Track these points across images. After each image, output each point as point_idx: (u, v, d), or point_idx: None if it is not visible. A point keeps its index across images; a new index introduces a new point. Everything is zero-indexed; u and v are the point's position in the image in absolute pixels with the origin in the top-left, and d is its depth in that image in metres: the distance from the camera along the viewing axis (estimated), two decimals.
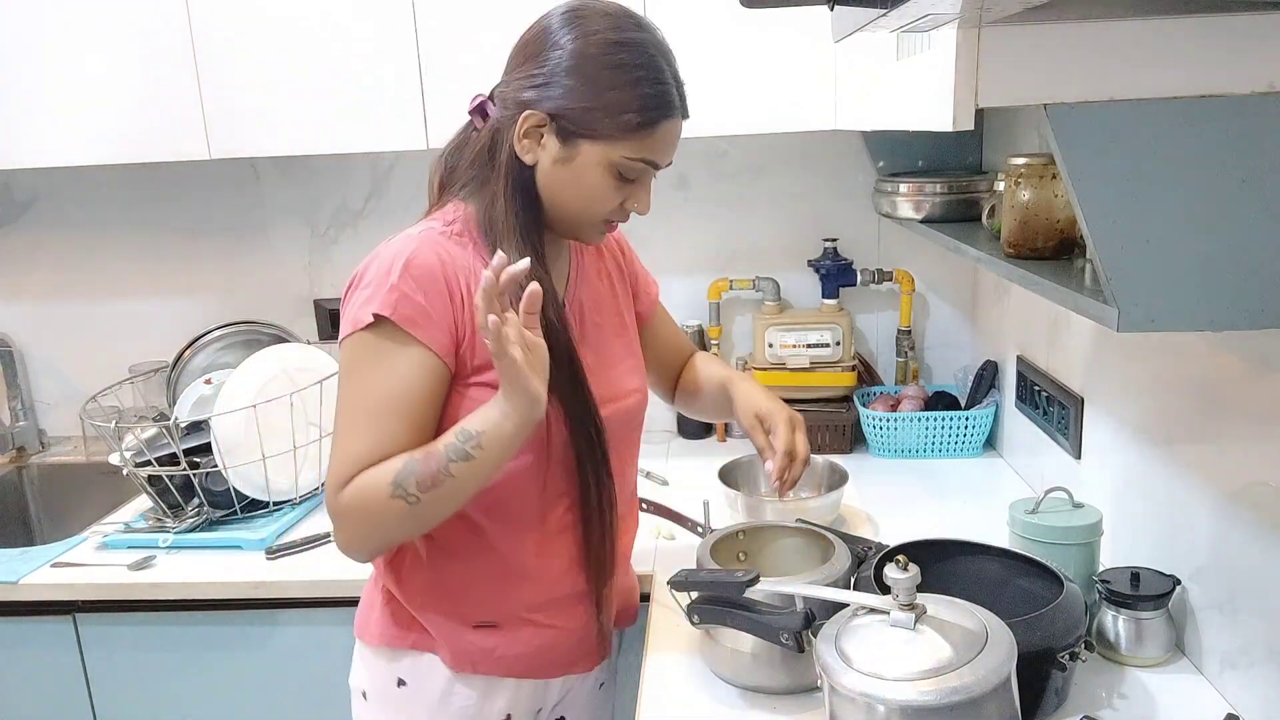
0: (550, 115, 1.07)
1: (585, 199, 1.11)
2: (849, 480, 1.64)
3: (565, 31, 1.07)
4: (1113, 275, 0.86)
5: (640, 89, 1.06)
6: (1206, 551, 1.16)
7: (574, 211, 1.13)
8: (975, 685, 0.88)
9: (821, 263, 2.08)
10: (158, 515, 1.74)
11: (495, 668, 1.20)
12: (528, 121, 1.07)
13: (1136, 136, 0.83)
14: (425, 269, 1.06)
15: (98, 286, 2.27)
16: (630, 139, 1.07)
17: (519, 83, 1.09)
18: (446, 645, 1.19)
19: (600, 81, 1.05)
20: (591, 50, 1.06)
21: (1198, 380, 1.16)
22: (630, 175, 1.10)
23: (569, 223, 1.15)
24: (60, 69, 1.78)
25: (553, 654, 1.24)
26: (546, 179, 1.11)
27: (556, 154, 1.09)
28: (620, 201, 1.13)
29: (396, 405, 1.06)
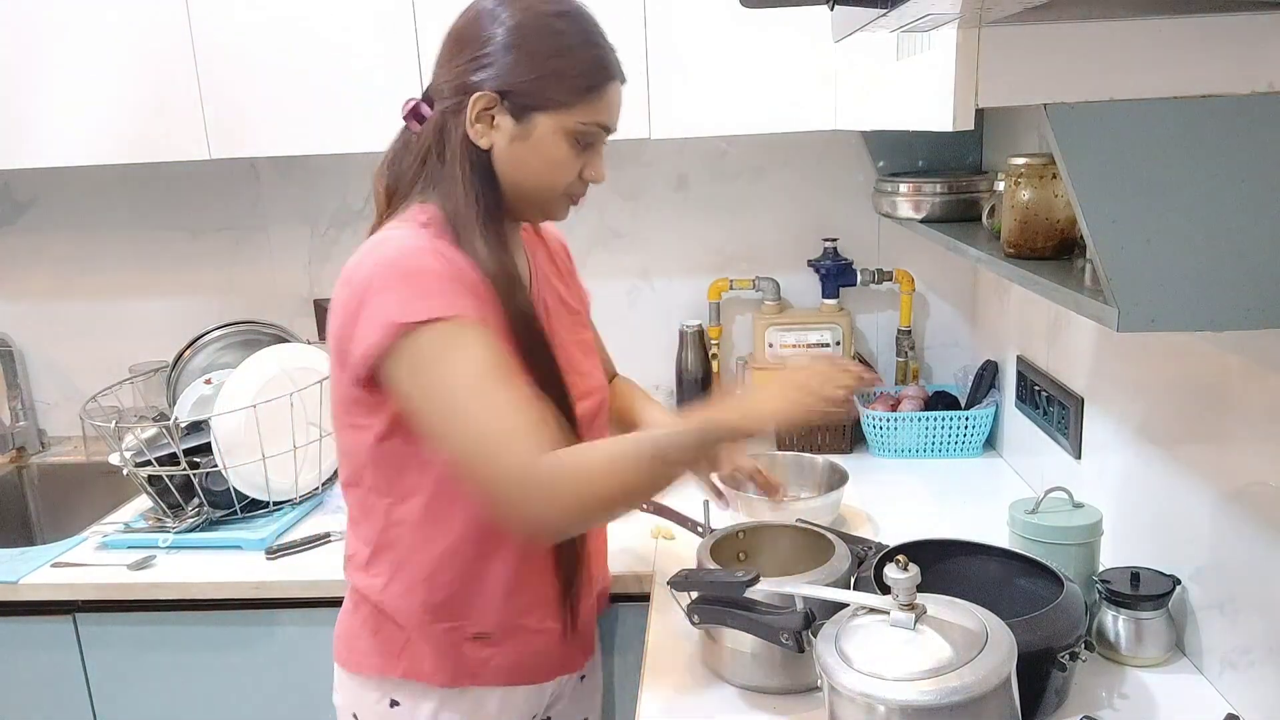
0: (500, 93, 1.06)
1: (546, 172, 1.11)
2: (849, 480, 1.64)
3: (501, 10, 1.07)
4: (1113, 275, 0.86)
5: (585, 53, 1.08)
6: (1206, 551, 1.16)
7: (537, 187, 1.12)
8: (975, 685, 0.88)
9: (821, 263, 2.08)
10: (158, 515, 1.74)
11: (493, 677, 1.19)
12: (478, 104, 1.07)
13: (1136, 136, 0.83)
14: (442, 264, 1.04)
15: (98, 286, 2.27)
16: (582, 103, 1.08)
17: (459, 70, 1.08)
18: (445, 661, 1.17)
19: (545, 51, 1.06)
20: (531, 23, 1.06)
21: (1198, 380, 1.16)
22: (585, 141, 1.11)
23: (533, 201, 1.14)
24: (60, 69, 1.78)
25: (542, 658, 1.23)
26: (505, 158, 1.10)
27: (512, 131, 1.08)
28: (579, 172, 1.13)
29: (505, 374, 1.03)
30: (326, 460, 1.81)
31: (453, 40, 1.11)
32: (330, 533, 1.68)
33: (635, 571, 1.51)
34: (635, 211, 2.14)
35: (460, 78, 1.08)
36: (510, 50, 1.06)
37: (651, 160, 2.11)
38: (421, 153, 1.12)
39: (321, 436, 1.76)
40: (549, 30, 1.07)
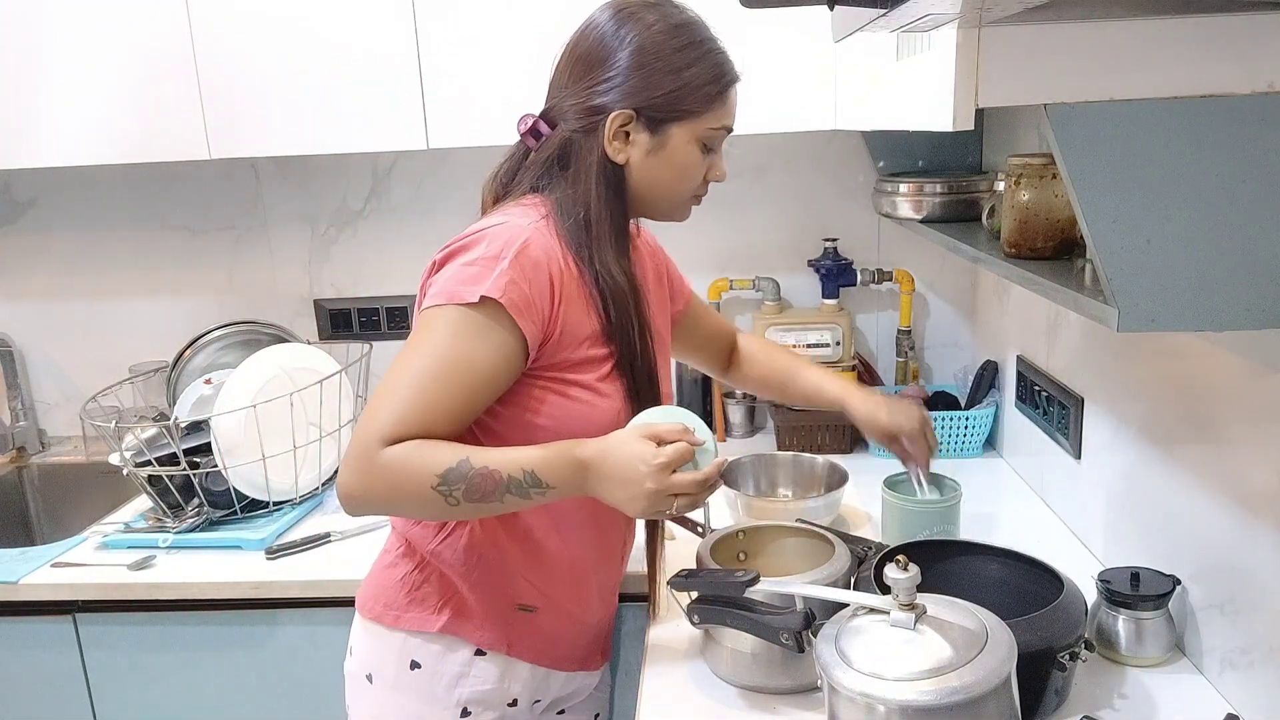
0: (636, 110, 1.11)
1: (679, 179, 1.17)
2: (849, 480, 1.64)
3: (622, 32, 1.11)
4: (1113, 275, 0.86)
5: (710, 60, 1.13)
6: (1206, 551, 1.16)
7: (669, 194, 1.18)
8: (975, 685, 0.88)
9: (821, 263, 2.08)
10: (158, 515, 1.74)
11: (526, 652, 1.22)
12: (615, 123, 1.11)
13: (1136, 136, 0.83)
14: (534, 262, 1.07)
15: (98, 286, 2.27)
16: (711, 110, 1.14)
17: (586, 92, 1.12)
18: (486, 623, 1.20)
19: (673, 65, 1.11)
20: (655, 39, 1.11)
21: (1198, 380, 1.16)
22: (713, 145, 1.17)
23: (664, 207, 1.20)
24: (60, 69, 1.78)
25: (574, 647, 1.28)
26: (641, 172, 1.15)
27: (648, 145, 1.13)
28: (704, 171, 1.19)
29: (470, 381, 1.05)
30: (326, 460, 1.81)
31: (576, 62, 1.14)
32: (330, 533, 1.68)
33: (635, 571, 1.51)
34: None
35: (589, 100, 1.12)
36: (639, 69, 1.10)
37: None
38: (541, 164, 1.16)
39: (321, 436, 1.76)
40: (673, 45, 1.11)
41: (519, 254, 1.06)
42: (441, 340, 1.05)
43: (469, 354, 1.05)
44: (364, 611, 1.25)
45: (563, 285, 1.10)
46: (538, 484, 1.04)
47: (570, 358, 1.12)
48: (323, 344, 2.03)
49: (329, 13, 1.72)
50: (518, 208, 1.14)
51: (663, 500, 1.04)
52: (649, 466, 1.02)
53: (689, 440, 1.06)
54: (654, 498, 1.03)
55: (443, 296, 1.06)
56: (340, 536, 1.67)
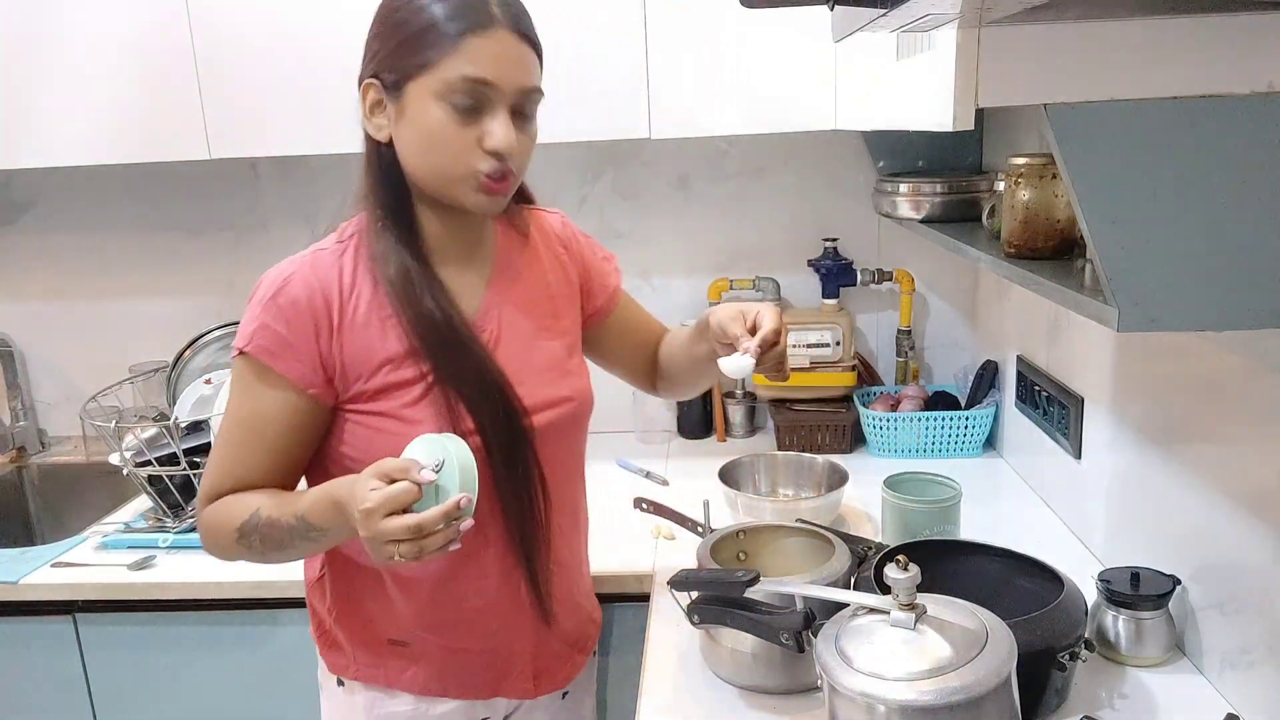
0: (375, 77, 1.04)
1: (430, 147, 1.02)
2: (849, 480, 1.64)
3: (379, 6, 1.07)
4: (1113, 275, 0.86)
5: (440, 8, 1.00)
6: (1206, 551, 1.16)
7: (433, 169, 1.04)
8: (975, 685, 0.88)
9: (821, 263, 2.08)
10: (158, 515, 1.74)
11: (407, 684, 1.19)
12: (367, 96, 1.06)
13: (1136, 136, 0.83)
14: (292, 300, 1.04)
15: (98, 286, 2.27)
16: (447, 56, 0.99)
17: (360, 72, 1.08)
18: (361, 656, 1.19)
19: (399, 17, 1.02)
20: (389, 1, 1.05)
21: (1198, 380, 1.16)
22: (464, 104, 1.00)
23: (438, 187, 1.06)
24: (60, 69, 1.78)
25: (474, 677, 1.20)
26: (401, 146, 1.06)
27: (394, 113, 1.04)
28: (475, 141, 1.02)
29: (258, 434, 1.07)
30: None
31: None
32: None
33: (635, 571, 1.52)
34: (635, 211, 2.14)
35: (360, 80, 1.08)
36: (376, 31, 1.05)
37: (651, 160, 2.11)
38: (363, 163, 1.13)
39: None
40: (410, 2, 1.02)
41: (275, 295, 1.05)
42: (232, 396, 1.09)
43: (249, 407, 1.07)
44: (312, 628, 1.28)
45: (339, 315, 1.06)
46: (311, 527, 1.01)
47: (366, 388, 1.07)
48: None
49: (329, 13, 1.72)
50: (336, 231, 1.14)
51: (381, 548, 0.91)
52: (358, 511, 0.91)
53: (411, 478, 0.91)
54: (372, 545, 0.92)
55: (235, 341, 1.09)
56: None
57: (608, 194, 2.12)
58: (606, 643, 1.54)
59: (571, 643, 1.29)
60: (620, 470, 1.96)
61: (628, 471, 1.96)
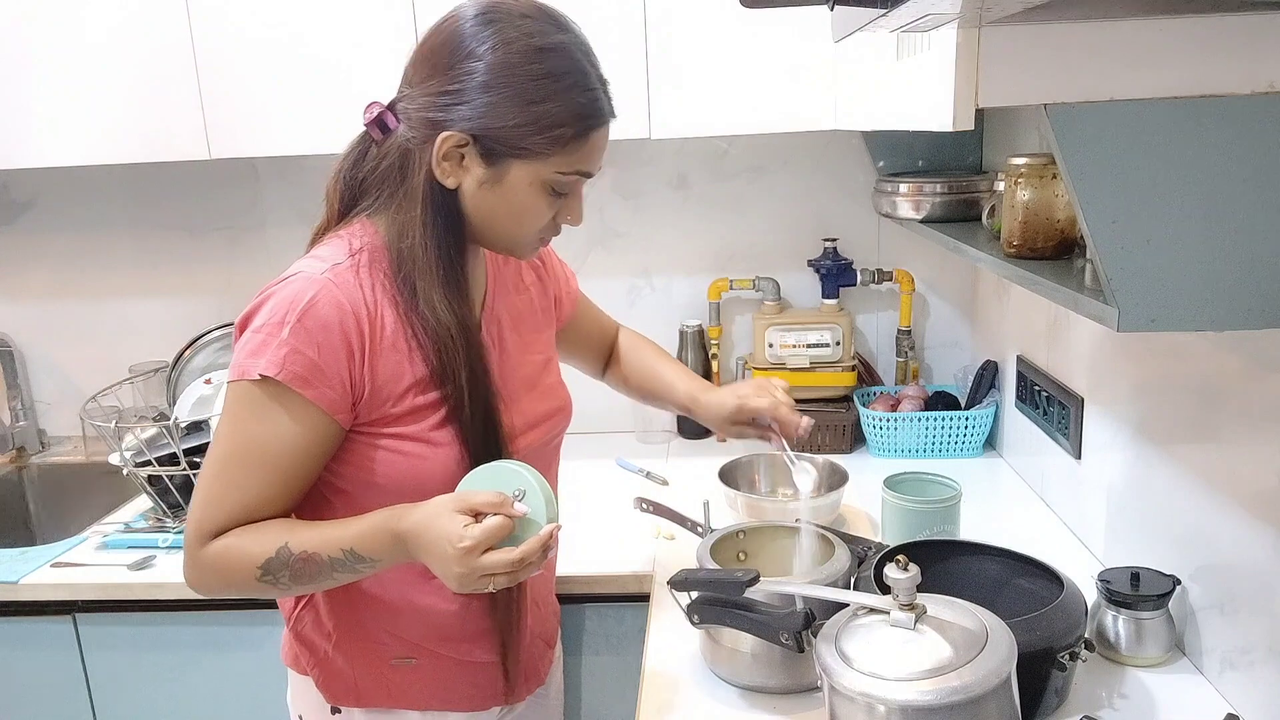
0: (473, 136, 0.98)
1: (515, 220, 1.04)
2: (849, 480, 1.64)
3: (481, 39, 0.97)
4: (1113, 275, 0.86)
5: (570, 98, 0.98)
6: (1206, 551, 1.16)
7: (505, 233, 1.06)
8: (975, 685, 0.88)
9: (821, 263, 2.08)
10: (158, 515, 1.74)
11: (413, 701, 1.18)
12: (447, 143, 0.99)
13: (1136, 136, 0.83)
14: (321, 322, 0.99)
15: (98, 286, 2.27)
16: (563, 153, 1.00)
17: (428, 99, 1.00)
18: (365, 681, 1.16)
19: (525, 95, 0.97)
20: (513, 60, 0.97)
21: (1198, 380, 1.16)
22: (563, 190, 1.04)
23: (498, 243, 1.08)
24: (60, 69, 1.78)
25: (475, 687, 1.20)
26: (473, 202, 1.03)
27: (482, 176, 1.01)
28: (553, 216, 1.06)
29: (275, 462, 1.00)
30: None
31: (428, 59, 1.01)
32: None
33: (635, 571, 1.52)
34: (635, 211, 2.14)
35: (430, 110, 0.99)
36: (488, 90, 0.97)
37: (651, 160, 2.11)
38: (382, 171, 1.05)
39: None
40: (531, 72, 0.97)
41: (302, 317, 0.98)
42: (239, 422, 1.00)
43: (267, 435, 0.99)
44: (284, 658, 1.24)
45: (369, 338, 1.01)
46: (361, 560, 0.99)
47: (391, 411, 1.04)
48: None
49: (329, 13, 1.72)
50: (336, 239, 1.06)
51: (475, 581, 0.94)
52: (455, 549, 0.92)
53: (505, 513, 0.94)
54: (465, 580, 0.94)
55: (235, 371, 1.00)
56: None
57: (608, 194, 2.12)
58: (607, 643, 1.54)
59: (545, 639, 1.31)
60: (620, 470, 1.96)
61: (628, 471, 1.95)
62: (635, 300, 2.17)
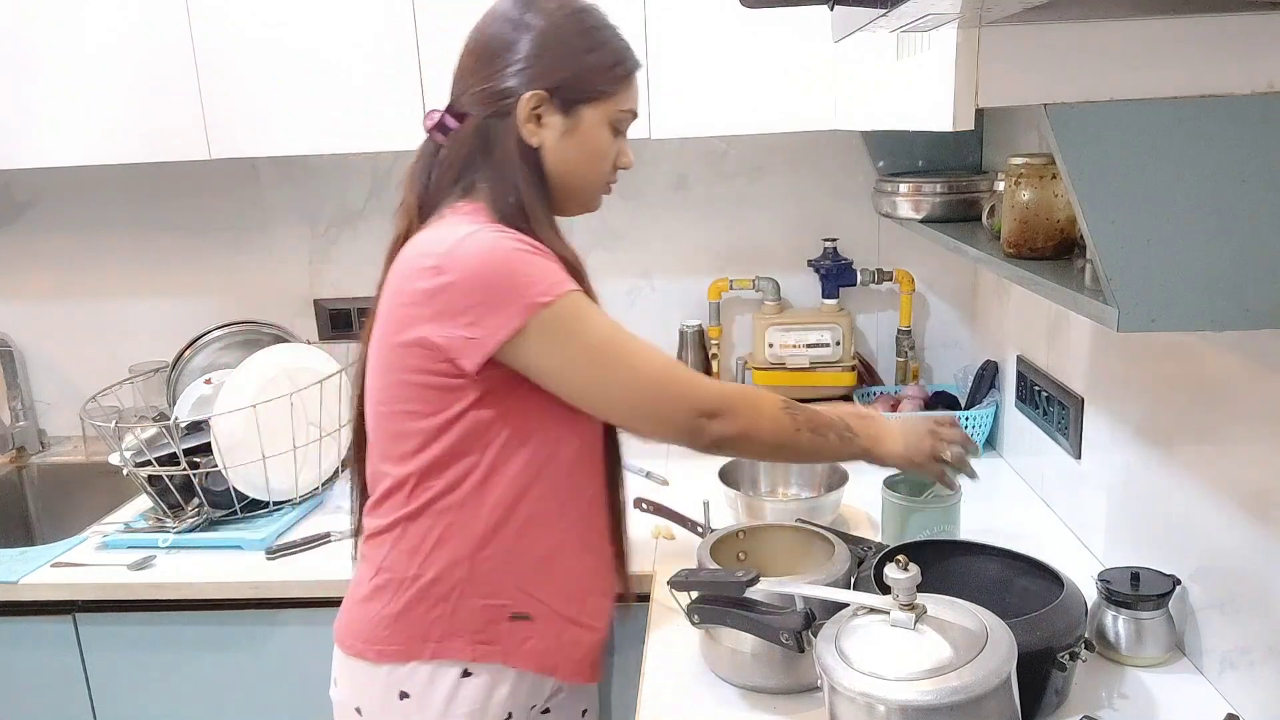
0: (549, 90, 1.12)
1: (591, 162, 1.18)
2: (849, 480, 1.64)
3: (526, 19, 1.13)
4: (1113, 275, 0.86)
5: (614, 43, 1.16)
6: (1206, 551, 1.16)
7: (582, 180, 1.19)
8: (975, 685, 0.88)
9: (821, 263, 2.08)
10: (158, 515, 1.74)
11: (524, 660, 1.18)
12: (528, 104, 1.12)
13: (1136, 136, 0.83)
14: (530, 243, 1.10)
15: (98, 286, 2.27)
16: (621, 90, 1.17)
17: (493, 79, 1.13)
18: (480, 636, 1.16)
19: (581, 46, 1.13)
20: (560, 23, 1.13)
21: (1198, 380, 1.16)
22: (622, 127, 1.20)
23: (576, 194, 1.20)
24: (60, 69, 1.78)
25: (574, 654, 1.23)
26: (555, 155, 1.16)
27: (562, 127, 1.14)
28: (614, 157, 1.21)
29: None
30: (326, 460, 1.81)
31: (479, 51, 1.15)
32: (330, 533, 1.68)
33: (635, 571, 1.51)
34: (635, 211, 2.14)
35: (496, 84, 1.12)
36: (547, 51, 1.12)
37: (651, 160, 2.11)
38: (459, 160, 1.16)
39: (321, 436, 1.76)
40: (577, 28, 1.13)
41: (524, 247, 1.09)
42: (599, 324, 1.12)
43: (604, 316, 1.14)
44: (345, 648, 1.20)
45: None
46: (849, 429, 1.21)
47: None
48: (323, 344, 2.03)
49: (329, 13, 1.72)
50: (454, 219, 1.12)
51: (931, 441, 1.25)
52: (932, 421, 1.28)
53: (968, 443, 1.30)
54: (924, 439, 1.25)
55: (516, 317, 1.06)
56: (340, 536, 1.67)
57: None
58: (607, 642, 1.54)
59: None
60: None
61: (628, 471, 1.95)
62: (635, 300, 2.17)
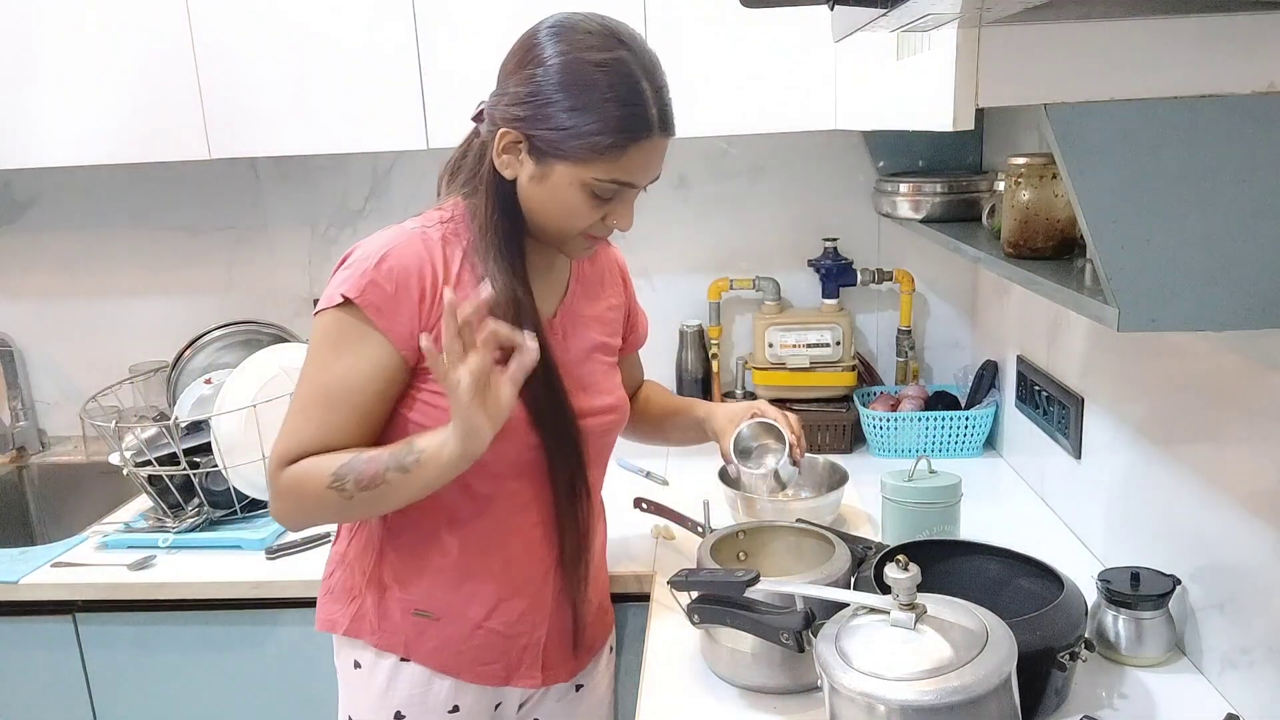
0: (525, 135, 1.08)
1: (561, 216, 1.12)
2: (849, 480, 1.64)
3: (549, 46, 1.06)
4: (1113, 275, 0.86)
5: (610, 111, 1.05)
6: (1206, 551, 1.16)
7: (553, 226, 1.14)
8: (975, 685, 0.88)
9: (821, 262, 2.08)
10: (158, 515, 1.74)
11: (432, 659, 1.21)
12: (505, 138, 1.09)
13: (1136, 136, 0.83)
14: (400, 265, 1.09)
15: (98, 286, 2.27)
16: (600, 161, 1.07)
17: (499, 98, 1.11)
18: (386, 624, 1.21)
19: (571, 103, 1.05)
20: (568, 70, 1.05)
21: (1198, 380, 1.16)
22: (605, 195, 1.11)
23: (552, 237, 1.16)
24: (60, 69, 1.78)
25: (491, 657, 1.23)
26: (525, 194, 1.13)
27: (532, 172, 1.10)
28: (600, 218, 1.14)
29: (350, 397, 1.10)
30: None
31: (508, 60, 1.12)
32: (330, 533, 1.68)
33: (635, 571, 1.52)
34: (635, 211, 2.13)
35: (499, 108, 1.10)
36: (544, 94, 1.06)
37: None
38: (468, 160, 1.18)
39: None
40: (582, 82, 1.04)
41: (382, 260, 1.09)
42: (320, 358, 1.10)
43: (348, 365, 1.09)
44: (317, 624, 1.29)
45: (440, 290, 1.10)
46: (410, 450, 1.06)
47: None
48: None
49: (329, 12, 1.72)
50: (434, 211, 1.17)
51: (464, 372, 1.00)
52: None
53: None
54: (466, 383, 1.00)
55: (323, 301, 1.11)
56: None
57: None
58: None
59: (585, 636, 1.31)
60: (620, 470, 1.96)
61: (628, 471, 1.96)
62: None
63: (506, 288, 1.12)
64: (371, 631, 1.21)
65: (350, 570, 1.24)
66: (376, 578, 1.21)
